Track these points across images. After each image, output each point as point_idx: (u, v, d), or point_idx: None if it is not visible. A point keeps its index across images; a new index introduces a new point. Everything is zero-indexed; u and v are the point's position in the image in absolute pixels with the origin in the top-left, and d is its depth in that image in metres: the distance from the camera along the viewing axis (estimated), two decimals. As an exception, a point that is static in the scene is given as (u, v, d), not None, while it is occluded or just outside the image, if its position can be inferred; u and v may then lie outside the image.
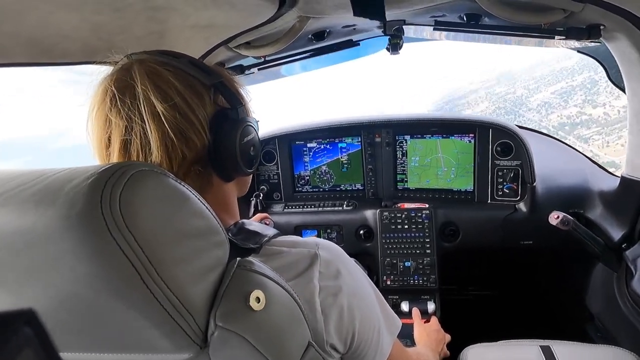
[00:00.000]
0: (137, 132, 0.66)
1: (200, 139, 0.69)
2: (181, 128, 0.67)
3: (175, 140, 0.66)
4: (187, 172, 0.69)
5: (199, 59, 0.82)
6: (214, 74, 0.72)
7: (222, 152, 0.71)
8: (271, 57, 1.64)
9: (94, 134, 0.70)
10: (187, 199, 0.55)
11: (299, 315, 0.63)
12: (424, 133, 2.11)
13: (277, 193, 2.34)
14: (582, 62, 20.23)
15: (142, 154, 0.67)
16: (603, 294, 1.73)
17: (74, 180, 0.48)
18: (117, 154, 0.68)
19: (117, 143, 0.67)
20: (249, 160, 0.77)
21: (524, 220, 1.95)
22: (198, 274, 0.54)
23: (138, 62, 0.69)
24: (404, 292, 2.02)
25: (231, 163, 0.73)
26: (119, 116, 0.66)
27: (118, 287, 0.48)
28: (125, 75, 0.68)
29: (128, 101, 0.66)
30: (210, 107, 0.71)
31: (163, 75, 0.68)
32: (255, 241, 0.68)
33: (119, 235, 0.46)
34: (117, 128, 0.67)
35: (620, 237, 1.60)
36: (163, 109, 0.65)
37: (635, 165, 1.50)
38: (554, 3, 1.20)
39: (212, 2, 0.98)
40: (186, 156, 0.68)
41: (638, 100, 1.38)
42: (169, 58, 0.71)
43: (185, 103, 0.67)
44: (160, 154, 0.66)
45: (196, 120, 0.68)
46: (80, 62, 1.12)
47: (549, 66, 21.82)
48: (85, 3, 0.85)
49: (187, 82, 0.69)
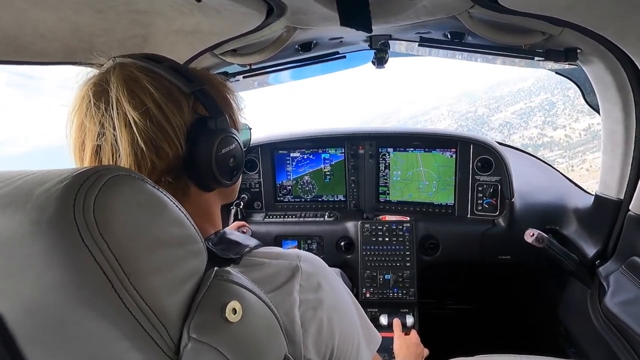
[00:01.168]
0: (107, 139, 0.64)
1: (174, 148, 0.66)
2: (152, 137, 0.64)
3: (144, 149, 0.64)
4: (157, 181, 0.65)
5: (183, 65, 0.80)
6: (196, 81, 0.70)
7: (197, 162, 0.69)
8: (257, 66, 1.64)
9: (72, 136, 0.69)
10: (164, 205, 0.53)
11: (277, 327, 0.61)
12: (406, 146, 2.14)
13: (258, 202, 2.32)
14: (538, 83, 21.10)
15: (112, 160, 0.65)
16: (577, 310, 1.76)
17: (46, 183, 0.46)
18: (89, 159, 0.66)
19: (89, 148, 0.66)
20: (228, 171, 0.74)
21: (502, 235, 1.98)
22: (173, 283, 0.52)
23: (118, 67, 0.67)
24: (383, 305, 2.01)
25: (207, 174, 0.70)
26: (92, 121, 0.65)
27: (88, 296, 0.46)
28: (102, 79, 0.66)
29: (102, 107, 0.64)
30: (188, 115, 0.68)
31: (140, 80, 0.66)
32: (235, 251, 0.66)
33: (92, 242, 0.44)
34: (90, 133, 0.65)
35: (594, 254, 1.64)
36: (135, 116, 0.63)
37: (608, 184, 1.55)
38: (533, 26, 1.24)
39: (198, 8, 0.97)
40: (156, 166, 0.66)
41: (612, 121, 1.43)
42: (150, 63, 0.69)
43: (159, 111, 0.65)
44: (129, 161, 0.64)
45: (170, 129, 0.66)
46: (59, 63, 1.09)
47: (508, 87, 22.62)
48: (63, 2, 0.82)
49: (164, 89, 0.67)
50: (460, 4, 1.12)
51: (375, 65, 1.83)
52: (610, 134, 1.46)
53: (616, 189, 1.51)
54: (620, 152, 1.44)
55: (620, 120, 1.38)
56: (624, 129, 1.39)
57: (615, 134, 1.43)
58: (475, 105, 29.01)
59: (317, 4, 1.04)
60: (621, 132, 1.40)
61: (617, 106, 1.37)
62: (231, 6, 0.98)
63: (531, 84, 21.28)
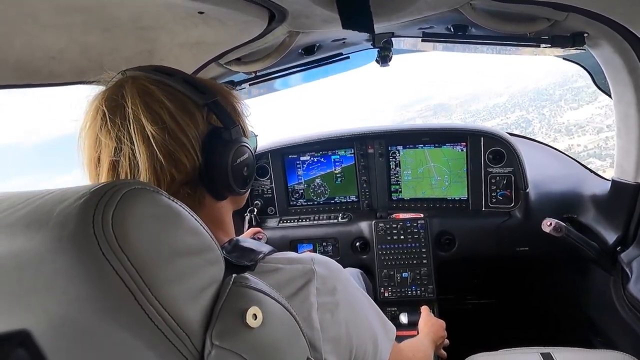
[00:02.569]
0: (125, 154, 0.65)
1: (191, 160, 0.68)
2: (170, 150, 0.65)
3: (164, 163, 0.65)
4: (175, 193, 0.67)
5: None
6: (209, 93, 0.71)
7: (213, 173, 0.70)
8: (262, 72, 1.65)
9: (85, 152, 0.69)
10: (180, 216, 0.54)
11: (297, 331, 0.62)
12: (416, 143, 2.13)
13: (272, 207, 2.33)
14: (513, 100, 20.86)
15: (131, 175, 0.66)
16: (600, 298, 1.72)
17: (65, 201, 0.47)
18: (106, 174, 0.67)
19: (106, 164, 0.66)
20: (242, 180, 0.76)
21: (519, 226, 1.96)
22: (193, 292, 0.53)
23: (131, 80, 0.68)
24: (402, 303, 2.00)
25: (223, 184, 0.72)
26: (108, 136, 0.65)
27: (112, 308, 0.47)
28: (116, 93, 0.67)
29: (118, 121, 0.65)
30: (202, 126, 0.70)
31: (155, 94, 0.67)
32: (250, 258, 0.67)
33: (112, 255, 0.45)
34: (107, 148, 0.66)
35: (614, 241, 1.60)
36: (152, 131, 0.64)
37: (625, 169, 1.52)
38: (538, 12, 1.22)
39: (201, 20, 0.99)
40: (175, 178, 0.67)
41: (624, 105, 1.40)
42: (162, 76, 0.70)
43: (175, 124, 0.66)
44: (148, 175, 0.65)
45: (187, 141, 0.67)
46: (69, 83, 1.11)
47: (483, 102, 22.29)
48: (73, 25, 0.84)
49: (179, 102, 0.68)
50: None
51: (380, 63, 1.83)
52: (623, 118, 1.43)
53: (633, 173, 1.48)
54: (635, 136, 1.41)
55: (633, 103, 1.35)
56: (637, 111, 1.36)
57: (629, 117, 1.40)
58: (452, 118, 28.63)
59: (317, 7, 1.05)
60: (634, 115, 1.37)
61: (629, 89, 1.34)
62: (233, 15, 0.99)
63: (506, 99, 21.10)
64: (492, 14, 1.25)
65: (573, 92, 17.67)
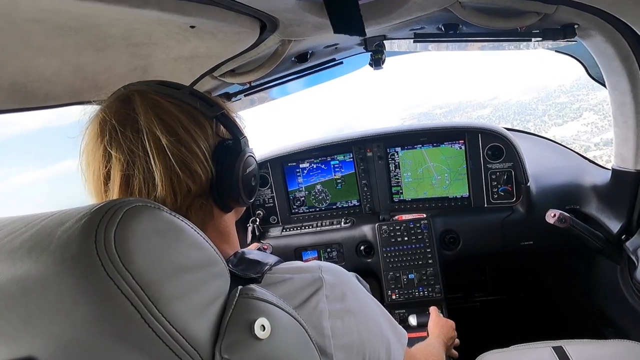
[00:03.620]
0: (139, 167, 0.64)
1: (204, 171, 0.68)
2: (186, 161, 0.66)
3: (180, 174, 0.65)
4: (190, 205, 0.68)
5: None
6: (216, 106, 0.72)
7: (225, 184, 0.70)
8: (257, 83, 1.65)
9: (90, 168, 0.68)
10: (183, 231, 0.54)
11: (307, 340, 0.61)
12: (414, 144, 2.13)
13: (274, 216, 2.33)
14: (497, 112, 21.04)
15: (145, 189, 0.65)
16: (608, 288, 1.72)
17: (66, 223, 0.47)
18: (118, 189, 0.66)
19: (117, 178, 0.65)
20: (250, 191, 0.77)
21: (523, 221, 1.95)
22: (200, 306, 0.53)
23: (138, 94, 0.68)
24: (410, 305, 1.99)
25: (233, 195, 0.72)
26: (119, 150, 0.64)
27: (118, 328, 0.47)
28: (125, 107, 0.66)
29: (130, 134, 0.64)
30: (212, 138, 0.70)
31: (166, 107, 0.67)
32: (256, 270, 0.66)
33: (116, 274, 0.45)
34: (118, 162, 0.65)
35: (618, 229, 1.60)
36: (168, 142, 0.64)
37: (624, 157, 1.52)
38: (527, 7, 1.23)
39: (193, 34, 0.99)
40: (191, 189, 0.67)
41: (620, 93, 1.40)
42: (170, 89, 0.70)
43: (188, 135, 0.67)
44: (164, 188, 0.64)
45: (200, 152, 0.67)
46: (65, 104, 1.11)
47: (467, 113, 22.41)
48: (66, 46, 0.85)
49: (189, 114, 0.68)
50: None
51: (373, 67, 1.84)
52: (619, 106, 1.44)
53: (633, 160, 1.48)
54: (632, 123, 1.41)
55: (628, 91, 1.36)
56: (632, 99, 1.36)
57: (625, 105, 1.40)
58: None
59: (308, 14, 1.05)
60: (630, 103, 1.38)
61: (622, 77, 1.34)
62: (225, 28, 0.99)
63: (490, 112, 21.24)
64: (481, 11, 1.26)
65: (557, 107, 17.66)
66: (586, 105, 16.18)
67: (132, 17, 0.78)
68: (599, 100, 15.55)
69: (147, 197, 0.65)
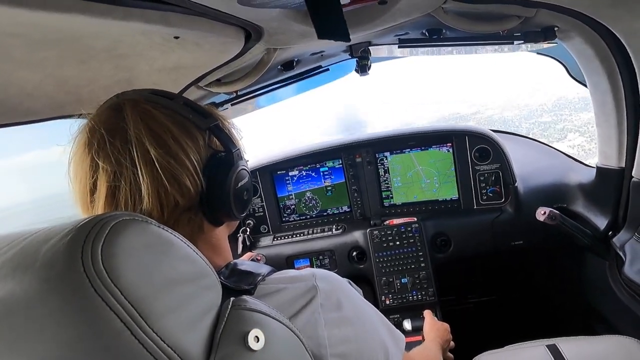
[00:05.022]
0: (126, 178, 0.62)
1: (194, 184, 0.66)
2: (175, 174, 0.64)
3: (168, 187, 0.63)
4: (178, 219, 0.66)
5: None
6: (210, 117, 0.71)
7: (215, 197, 0.68)
8: (243, 92, 1.65)
9: (77, 178, 0.66)
10: (172, 244, 0.53)
11: (302, 350, 0.60)
12: (403, 148, 2.14)
13: (264, 225, 2.31)
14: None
15: (131, 201, 0.63)
16: (598, 284, 1.74)
17: (51, 240, 0.46)
18: (103, 201, 0.64)
19: (103, 189, 0.63)
20: (242, 205, 0.75)
21: (512, 221, 1.97)
22: (191, 320, 0.52)
23: (130, 103, 0.66)
24: (404, 309, 1.99)
25: (224, 209, 0.70)
26: (107, 160, 0.62)
27: (108, 345, 0.45)
28: (115, 116, 0.65)
29: (118, 144, 0.62)
30: (204, 150, 0.69)
31: (157, 117, 0.65)
32: (248, 282, 0.65)
33: (104, 291, 0.44)
34: (105, 173, 0.63)
35: (605, 226, 1.63)
36: (157, 154, 0.62)
37: (608, 155, 1.55)
38: (508, 11, 1.25)
39: (178, 44, 0.98)
40: (179, 203, 0.65)
41: (600, 93, 1.43)
42: (163, 99, 0.68)
43: (179, 147, 0.65)
44: (151, 201, 0.63)
45: (190, 164, 0.66)
46: (47, 119, 1.09)
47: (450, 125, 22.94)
48: (47, 59, 0.83)
49: (182, 125, 0.67)
50: (433, 0, 1.14)
51: (359, 73, 1.85)
52: (601, 106, 1.47)
53: (616, 158, 1.51)
54: (613, 122, 1.44)
55: (609, 91, 1.39)
56: (613, 98, 1.39)
57: (606, 104, 1.43)
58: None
59: (293, 22, 1.05)
60: (611, 102, 1.41)
61: (602, 77, 1.38)
62: (209, 38, 0.99)
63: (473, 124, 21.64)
64: (464, 16, 1.28)
65: (540, 126, 17.60)
66: (570, 126, 16.11)
67: (115, 29, 0.77)
68: (583, 121, 15.51)
69: (133, 209, 0.63)
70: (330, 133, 20.92)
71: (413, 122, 27.16)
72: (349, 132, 17.67)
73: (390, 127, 3.69)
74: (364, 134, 2.24)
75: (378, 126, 24.14)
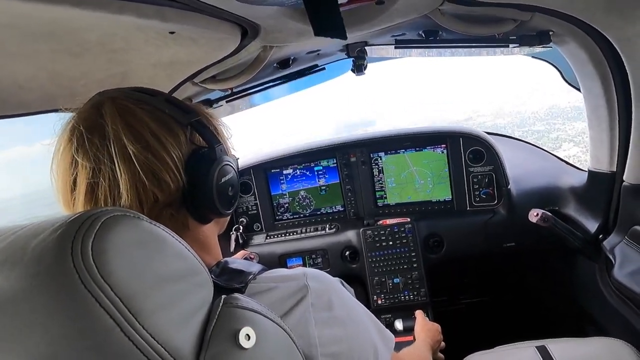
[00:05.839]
0: (105, 175, 0.62)
1: (174, 180, 0.66)
2: (153, 169, 0.63)
3: (146, 183, 0.63)
4: (158, 215, 0.65)
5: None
6: (191, 112, 0.70)
7: (198, 193, 0.68)
8: (238, 89, 1.64)
9: (59, 176, 0.66)
10: (164, 241, 0.52)
11: (293, 349, 0.60)
12: (397, 148, 2.15)
13: (257, 224, 2.30)
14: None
15: (110, 198, 0.63)
16: (588, 287, 1.76)
17: (40, 234, 0.46)
18: (83, 198, 0.64)
19: (83, 186, 0.63)
20: (227, 201, 0.74)
21: (504, 223, 1.99)
22: (182, 318, 0.51)
23: (110, 100, 0.66)
24: (395, 309, 1.99)
25: (208, 205, 0.70)
26: (85, 157, 0.62)
27: (97, 343, 0.45)
28: (94, 113, 0.65)
29: (97, 141, 0.62)
30: (186, 146, 0.68)
31: (136, 113, 0.65)
32: (239, 280, 0.65)
33: (94, 287, 0.43)
34: (84, 170, 0.63)
35: (596, 229, 1.64)
36: (134, 150, 0.62)
37: (600, 159, 1.56)
38: (504, 14, 1.26)
39: (173, 40, 0.98)
40: (158, 199, 0.65)
41: (593, 97, 1.45)
42: (144, 96, 0.68)
43: (158, 143, 0.64)
44: (130, 197, 0.62)
45: (170, 160, 0.65)
46: (40, 112, 1.08)
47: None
48: (41, 52, 0.82)
49: (161, 121, 0.66)
50: (430, 2, 1.14)
51: (355, 72, 1.85)
52: (594, 110, 1.48)
53: (608, 162, 1.52)
54: (606, 126, 1.46)
55: (602, 95, 1.40)
56: (605, 102, 1.41)
57: (599, 108, 1.45)
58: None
59: (289, 20, 1.05)
60: (604, 106, 1.42)
61: (596, 81, 1.39)
62: (205, 34, 0.98)
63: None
64: (460, 18, 1.28)
65: (534, 135, 17.14)
66: (565, 136, 15.84)
67: (109, 23, 0.76)
68: (577, 131, 15.32)
69: (112, 206, 0.63)
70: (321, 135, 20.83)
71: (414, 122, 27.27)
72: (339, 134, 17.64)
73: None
74: (358, 134, 2.24)
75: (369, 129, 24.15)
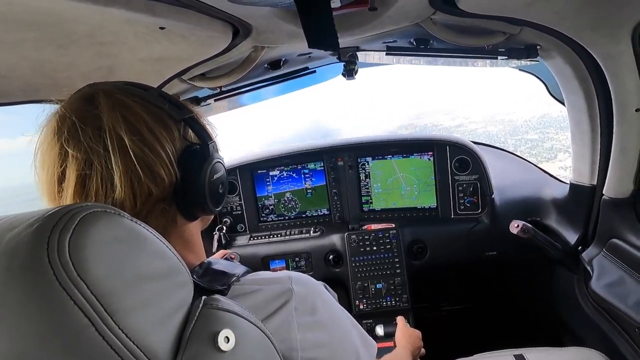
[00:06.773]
0: (98, 166, 0.60)
1: (169, 175, 0.65)
2: (149, 163, 0.62)
3: (142, 176, 0.62)
4: (151, 209, 0.64)
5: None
6: (185, 109, 0.70)
7: (190, 189, 0.67)
8: (228, 88, 1.63)
9: (45, 168, 0.64)
10: (145, 239, 0.51)
11: (273, 353, 0.60)
12: (384, 154, 2.16)
13: (241, 224, 2.28)
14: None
15: (103, 190, 0.61)
16: (567, 297, 1.79)
17: (15, 228, 0.44)
18: (72, 190, 0.61)
19: (73, 178, 0.61)
20: (217, 198, 0.74)
21: (487, 231, 2.01)
22: (160, 318, 0.50)
23: (103, 92, 0.64)
24: (377, 315, 2.00)
25: (199, 202, 0.69)
26: (77, 148, 0.60)
27: (71, 341, 0.44)
28: (88, 105, 0.63)
29: (90, 132, 0.60)
30: (179, 142, 0.68)
31: (131, 107, 0.64)
32: (222, 282, 0.64)
33: (69, 284, 0.42)
34: (75, 161, 0.61)
35: (575, 241, 1.68)
36: (131, 143, 0.61)
37: (581, 172, 1.60)
38: (494, 27, 1.28)
39: (163, 36, 0.96)
40: (152, 192, 0.63)
41: (577, 111, 1.48)
42: (137, 90, 0.67)
43: (154, 137, 0.64)
44: (124, 190, 0.61)
45: (165, 155, 0.64)
46: (21, 102, 1.05)
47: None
48: (25, 41, 0.80)
49: (156, 116, 0.65)
50: (422, 11, 1.15)
51: (346, 77, 1.85)
52: (577, 124, 1.52)
53: (589, 175, 1.56)
54: (588, 140, 1.49)
55: (585, 110, 1.44)
56: (588, 117, 1.44)
57: (582, 122, 1.48)
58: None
59: (282, 22, 1.05)
60: (586, 121, 1.46)
61: (580, 96, 1.42)
62: (196, 31, 0.97)
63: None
64: (451, 28, 1.30)
65: (527, 144, 17.15)
66: (559, 146, 15.65)
67: (98, 15, 0.74)
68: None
69: (104, 199, 0.61)
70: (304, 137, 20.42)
71: (396, 131, 27.40)
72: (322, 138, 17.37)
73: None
74: (346, 138, 2.25)
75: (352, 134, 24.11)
